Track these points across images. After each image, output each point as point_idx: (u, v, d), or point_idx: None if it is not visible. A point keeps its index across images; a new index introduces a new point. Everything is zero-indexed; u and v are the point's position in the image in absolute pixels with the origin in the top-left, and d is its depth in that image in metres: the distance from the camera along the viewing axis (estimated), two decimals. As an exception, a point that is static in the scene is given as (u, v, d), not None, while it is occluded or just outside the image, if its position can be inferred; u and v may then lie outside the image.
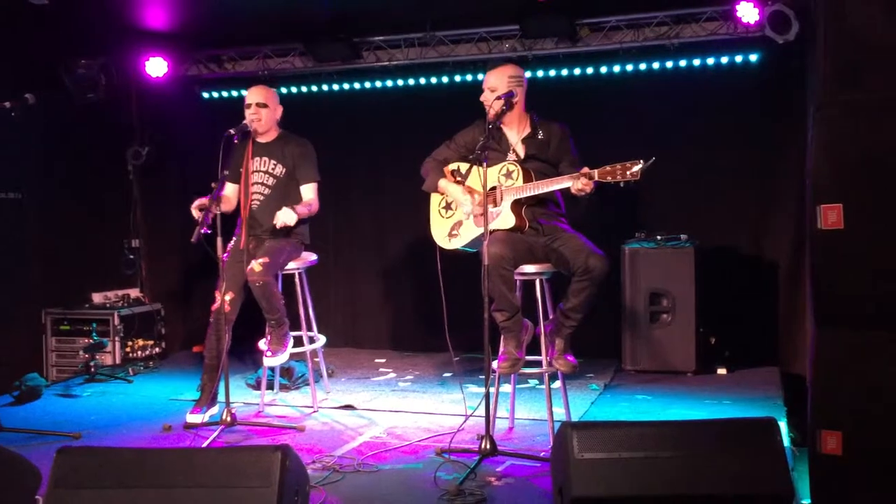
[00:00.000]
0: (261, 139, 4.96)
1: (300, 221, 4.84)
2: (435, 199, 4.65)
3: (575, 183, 4.04)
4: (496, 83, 4.34)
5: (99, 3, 5.71)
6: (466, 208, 4.44)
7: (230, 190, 4.95)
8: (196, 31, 6.50)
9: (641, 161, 3.85)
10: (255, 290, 4.65)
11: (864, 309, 3.28)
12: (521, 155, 4.37)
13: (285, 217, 4.71)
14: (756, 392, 5.20)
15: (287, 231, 4.85)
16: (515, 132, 4.43)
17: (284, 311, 4.81)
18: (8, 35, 5.83)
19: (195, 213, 4.61)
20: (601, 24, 5.98)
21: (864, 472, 3.26)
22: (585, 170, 4.05)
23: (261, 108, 4.86)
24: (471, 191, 4.41)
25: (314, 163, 5.00)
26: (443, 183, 4.52)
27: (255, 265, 4.64)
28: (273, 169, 4.95)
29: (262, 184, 4.95)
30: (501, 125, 4.38)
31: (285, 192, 4.94)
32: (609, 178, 3.93)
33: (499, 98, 4.25)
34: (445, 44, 6.34)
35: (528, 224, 4.30)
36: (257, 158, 4.94)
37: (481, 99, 4.38)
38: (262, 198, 4.95)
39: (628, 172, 3.87)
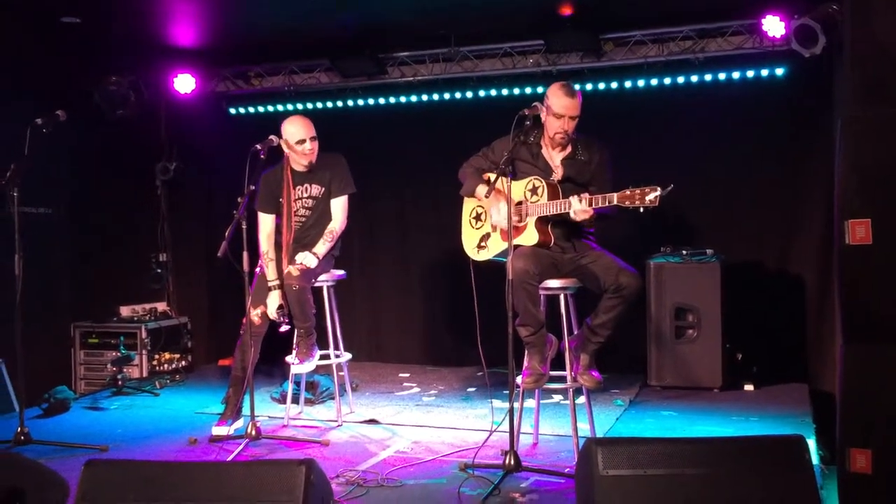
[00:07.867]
0: (299, 167, 4.94)
1: None
2: (466, 209, 4.63)
3: (574, 204, 4.02)
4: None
5: (129, 21, 5.81)
6: (495, 218, 4.43)
7: (271, 222, 4.95)
8: (223, 48, 6.59)
9: (659, 188, 3.80)
10: (291, 294, 4.70)
11: (894, 324, 3.23)
12: (560, 176, 4.32)
13: (307, 261, 4.76)
14: (784, 409, 5.14)
15: None
16: (556, 151, 4.38)
17: (314, 322, 4.86)
18: (40, 52, 5.95)
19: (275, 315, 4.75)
20: (626, 38, 5.99)
21: (895, 491, 3.21)
22: (586, 195, 4.04)
23: (314, 142, 4.85)
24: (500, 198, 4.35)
25: (348, 175, 5.00)
26: (480, 189, 4.45)
27: (293, 269, 4.71)
28: (314, 192, 4.96)
29: (305, 207, 4.97)
30: (541, 143, 4.37)
31: (325, 209, 4.97)
32: (627, 203, 3.89)
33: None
34: (470, 59, 6.37)
35: (554, 240, 4.28)
36: (299, 187, 4.93)
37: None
38: (304, 220, 4.98)
39: (647, 199, 3.82)
